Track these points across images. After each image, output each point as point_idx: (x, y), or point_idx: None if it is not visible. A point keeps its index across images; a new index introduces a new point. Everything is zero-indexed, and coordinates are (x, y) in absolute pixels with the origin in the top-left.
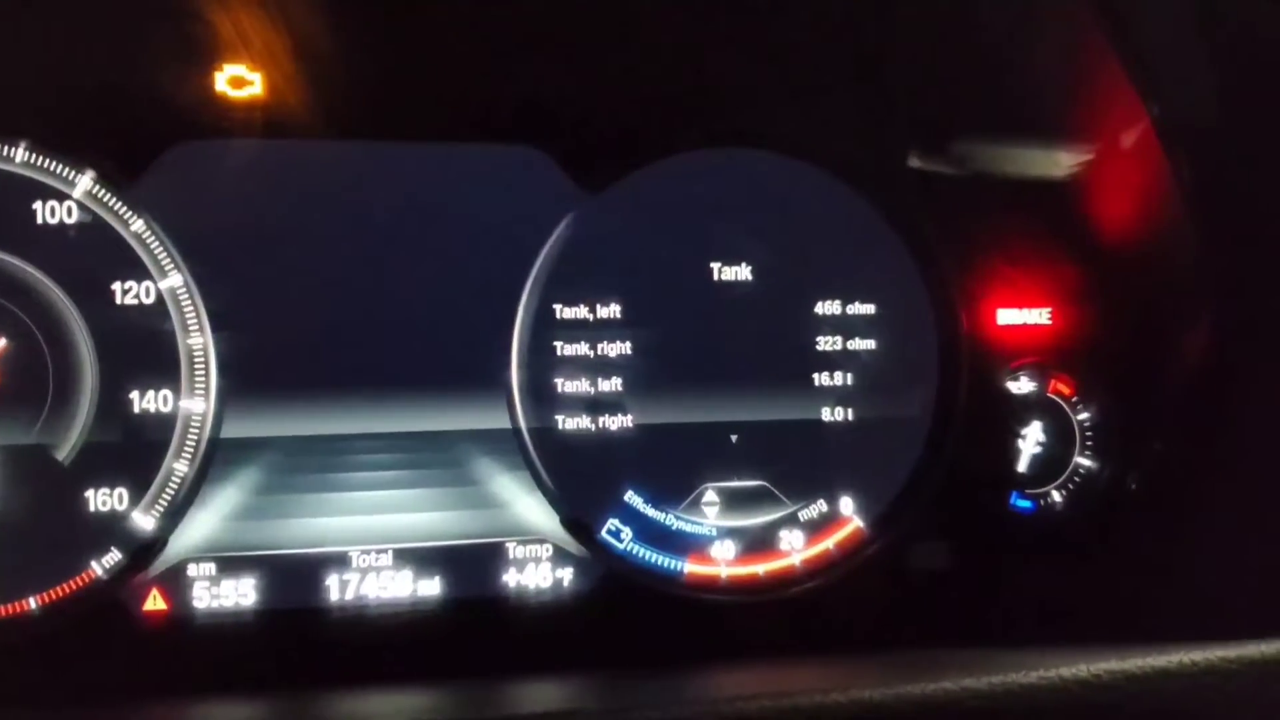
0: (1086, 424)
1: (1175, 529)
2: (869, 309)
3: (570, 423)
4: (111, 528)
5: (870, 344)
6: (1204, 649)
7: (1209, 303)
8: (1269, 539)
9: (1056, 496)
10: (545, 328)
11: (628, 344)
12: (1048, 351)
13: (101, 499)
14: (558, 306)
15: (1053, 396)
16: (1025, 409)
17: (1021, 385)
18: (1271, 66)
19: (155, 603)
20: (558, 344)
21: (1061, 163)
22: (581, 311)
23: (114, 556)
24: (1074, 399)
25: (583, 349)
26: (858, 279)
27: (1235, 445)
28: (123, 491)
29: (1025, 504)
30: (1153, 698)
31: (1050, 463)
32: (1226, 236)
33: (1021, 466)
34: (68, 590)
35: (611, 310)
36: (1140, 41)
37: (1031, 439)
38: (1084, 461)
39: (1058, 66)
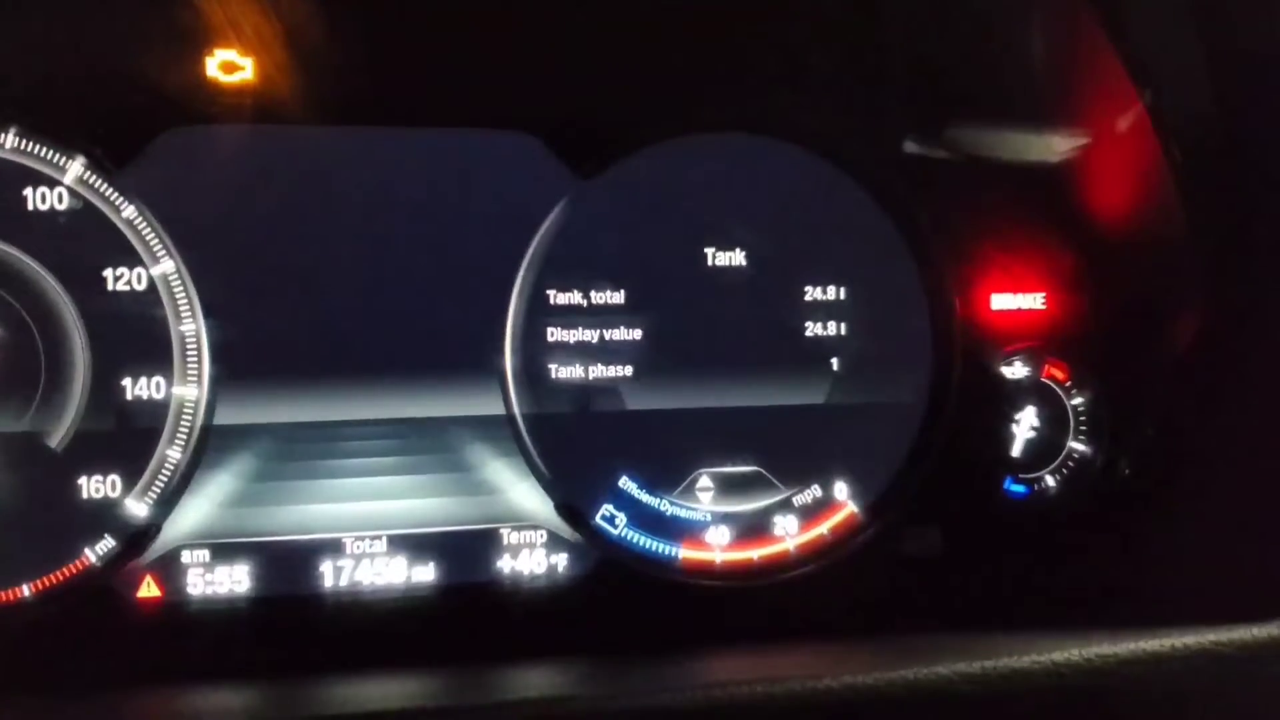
0: (1080, 409)
1: (1168, 513)
2: (863, 294)
3: (564, 408)
4: (105, 515)
5: (864, 329)
6: (1196, 632)
7: (1202, 287)
8: (1262, 523)
9: (1050, 481)
10: (539, 313)
11: (621, 329)
12: (1042, 336)
13: (95, 486)
14: (551, 292)
15: (1046, 381)
16: (1019, 394)
17: (1015, 370)
18: (1263, 53)
19: (149, 589)
20: (551, 329)
21: (1055, 148)
22: (575, 297)
23: (108, 543)
24: (1068, 384)
25: (576, 334)
26: (852, 264)
27: (1228, 430)
28: (116, 478)
29: (1019, 489)
30: (1145, 681)
31: (1044, 447)
32: (1219, 222)
33: (1015, 451)
34: (61, 577)
35: (605, 296)
36: (1133, 27)
37: (1025, 424)
38: (1077, 446)
39: (1051, 52)
